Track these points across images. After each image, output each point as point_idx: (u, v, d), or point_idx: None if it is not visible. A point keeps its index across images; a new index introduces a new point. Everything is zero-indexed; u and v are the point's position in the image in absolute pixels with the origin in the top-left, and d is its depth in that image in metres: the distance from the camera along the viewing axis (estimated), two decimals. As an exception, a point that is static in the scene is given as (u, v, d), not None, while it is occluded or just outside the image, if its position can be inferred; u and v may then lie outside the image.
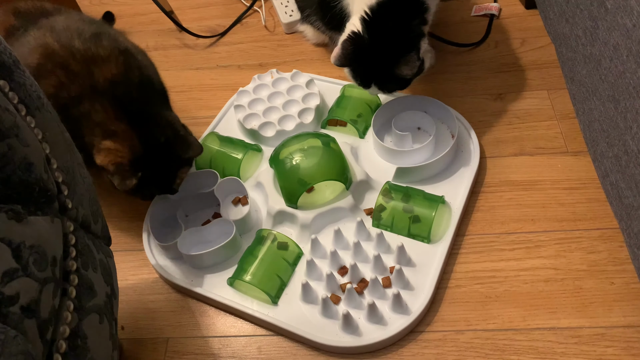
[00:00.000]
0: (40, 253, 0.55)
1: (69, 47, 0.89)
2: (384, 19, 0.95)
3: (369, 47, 0.96)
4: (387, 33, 0.95)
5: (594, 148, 0.83)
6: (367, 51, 0.96)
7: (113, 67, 0.90)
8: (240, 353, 0.89)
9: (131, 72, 0.91)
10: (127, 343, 0.92)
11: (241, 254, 0.94)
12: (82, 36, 0.91)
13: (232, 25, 1.44)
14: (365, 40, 0.96)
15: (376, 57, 0.97)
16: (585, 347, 0.81)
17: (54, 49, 0.89)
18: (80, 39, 0.91)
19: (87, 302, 0.63)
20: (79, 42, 0.90)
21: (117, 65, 0.90)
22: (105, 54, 0.90)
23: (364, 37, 0.96)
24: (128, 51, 0.94)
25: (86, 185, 0.72)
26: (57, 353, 0.56)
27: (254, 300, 0.91)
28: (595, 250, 0.91)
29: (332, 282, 0.89)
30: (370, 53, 0.96)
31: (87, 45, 0.90)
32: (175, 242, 0.95)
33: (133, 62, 0.93)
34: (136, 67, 0.93)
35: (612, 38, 0.73)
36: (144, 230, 1.02)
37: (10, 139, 0.54)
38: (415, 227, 0.93)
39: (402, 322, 0.85)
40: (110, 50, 0.91)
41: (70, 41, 0.90)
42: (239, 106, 1.16)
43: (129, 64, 0.92)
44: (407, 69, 0.97)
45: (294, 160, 0.99)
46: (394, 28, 0.95)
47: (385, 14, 0.95)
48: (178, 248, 0.94)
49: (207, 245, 0.95)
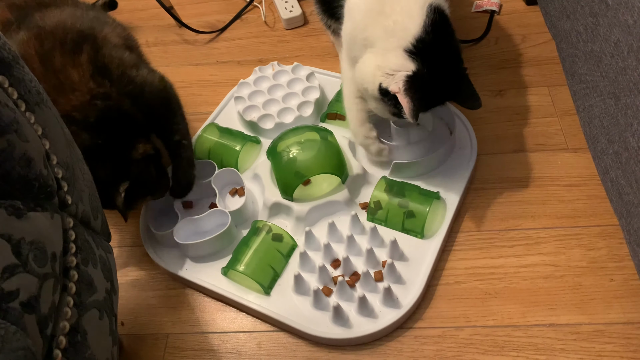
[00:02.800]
0: (40, 249, 0.54)
1: (47, 65, 0.85)
2: (431, 43, 0.84)
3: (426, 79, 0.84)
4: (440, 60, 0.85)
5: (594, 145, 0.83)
6: (425, 85, 0.84)
7: (77, 96, 0.85)
8: (240, 349, 0.89)
9: (97, 99, 0.86)
10: (127, 339, 0.92)
11: (236, 245, 0.95)
12: (65, 46, 0.87)
13: (232, 21, 1.44)
14: (424, 75, 0.83)
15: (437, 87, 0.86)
16: (585, 344, 0.81)
17: (33, 67, 0.84)
18: (61, 50, 0.87)
19: (87, 298, 0.63)
20: (59, 56, 0.86)
21: (82, 94, 0.85)
22: (77, 78, 0.86)
23: (421, 72, 0.83)
24: (105, 68, 0.89)
25: (86, 182, 0.72)
26: (57, 349, 0.56)
27: (247, 290, 0.92)
28: (595, 247, 0.91)
29: (324, 274, 0.89)
30: (428, 85, 0.85)
31: (64, 61, 0.86)
32: (170, 231, 0.95)
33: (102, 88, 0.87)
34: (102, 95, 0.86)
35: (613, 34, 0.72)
36: (141, 220, 1.02)
37: (10, 135, 0.54)
38: (410, 222, 0.94)
39: (393, 316, 0.85)
40: (83, 71, 0.86)
41: (51, 55, 0.86)
42: (239, 98, 1.16)
43: (97, 90, 0.86)
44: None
45: (291, 153, 0.99)
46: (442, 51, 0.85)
47: (430, 36, 0.84)
48: (173, 237, 0.95)
49: (202, 235, 0.96)
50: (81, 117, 0.84)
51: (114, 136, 0.87)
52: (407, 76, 0.82)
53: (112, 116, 0.87)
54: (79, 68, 0.87)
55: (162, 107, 0.97)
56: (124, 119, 0.88)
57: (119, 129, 0.87)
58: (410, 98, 0.82)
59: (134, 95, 0.91)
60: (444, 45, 0.85)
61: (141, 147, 0.89)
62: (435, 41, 0.84)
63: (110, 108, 0.87)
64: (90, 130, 0.85)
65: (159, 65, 1.03)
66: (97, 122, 0.85)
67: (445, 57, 0.86)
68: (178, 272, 0.96)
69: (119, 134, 0.87)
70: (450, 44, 0.87)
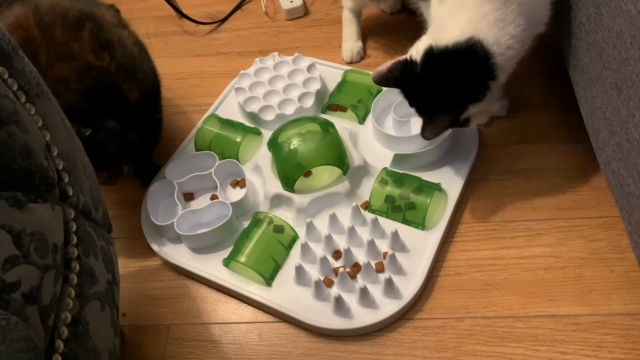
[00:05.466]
0: (41, 240, 0.55)
1: (48, 35, 0.86)
2: (448, 63, 0.83)
3: (417, 79, 0.86)
4: (440, 79, 0.84)
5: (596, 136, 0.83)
6: (415, 83, 0.86)
7: (74, 65, 0.86)
8: (241, 339, 0.89)
9: (93, 70, 0.87)
10: (129, 330, 0.93)
11: (238, 236, 0.95)
12: (66, 22, 0.88)
13: (233, 12, 1.43)
14: (416, 72, 0.85)
15: (420, 95, 0.87)
16: (585, 335, 0.82)
17: (33, 37, 0.85)
18: (63, 25, 0.87)
19: (88, 289, 0.63)
20: (61, 30, 0.87)
21: (80, 64, 0.86)
22: (78, 50, 0.87)
23: (416, 69, 0.85)
24: (108, 43, 0.90)
25: (87, 173, 0.72)
26: (59, 339, 0.57)
27: (248, 282, 0.92)
28: (595, 238, 0.91)
29: (325, 265, 0.90)
30: (417, 87, 0.87)
31: (66, 36, 0.87)
32: (172, 222, 0.95)
33: (101, 61, 0.88)
34: (100, 68, 0.88)
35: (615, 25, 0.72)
36: (142, 211, 1.02)
37: (10, 126, 0.54)
38: (411, 214, 0.94)
39: (394, 307, 0.86)
40: (84, 45, 0.87)
41: (52, 27, 0.87)
42: (239, 89, 1.16)
43: (95, 63, 0.88)
44: (428, 131, 0.88)
45: (292, 145, 0.99)
46: (449, 78, 0.84)
47: (452, 58, 0.83)
48: (175, 228, 0.95)
49: (203, 227, 0.96)
50: (73, 80, 0.86)
51: (95, 104, 0.87)
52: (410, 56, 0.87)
53: (104, 88, 0.88)
54: (81, 42, 0.87)
55: (154, 85, 1.00)
56: (113, 93, 0.90)
57: (104, 100, 0.89)
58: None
59: (132, 72, 0.92)
60: None
61: (111, 122, 0.90)
62: None
63: (104, 81, 0.88)
64: (76, 93, 0.86)
65: (160, 57, 1.03)
66: (86, 88, 0.86)
67: None
68: (179, 263, 0.96)
69: (101, 104, 0.88)
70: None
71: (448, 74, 0.84)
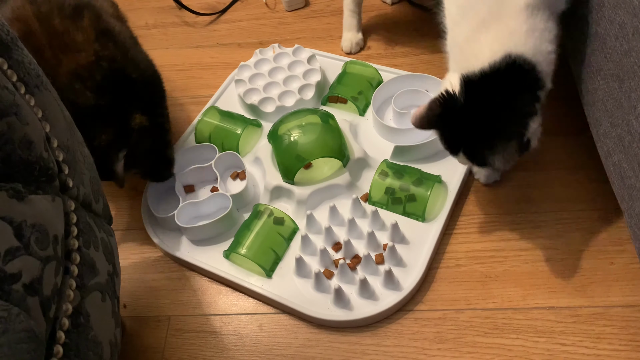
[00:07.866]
0: (42, 232, 0.55)
1: (47, 27, 0.85)
2: (490, 86, 0.79)
3: (463, 112, 0.80)
4: (489, 104, 0.79)
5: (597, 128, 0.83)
6: (459, 115, 0.80)
7: (83, 56, 0.85)
8: (241, 331, 0.89)
9: (103, 60, 0.86)
10: (130, 321, 0.93)
11: (238, 228, 0.95)
12: (63, 11, 0.87)
13: (232, 3, 1.42)
14: (458, 103, 0.80)
15: (470, 126, 0.80)
16: (584, 326, 0.82)
17: (32, 30, 0.84)
18: (60, 15, 0.86)
19: (89, 280, 0.63)
20: (59, 19, 0.86)
21: (88, 54, 0.85)
22: (82, 40, 0.86)
23: (457, 100, 0.80)
24: (109, 32, 0.90)
25: (87, 164, 0.72)
26: (60, 330, 0.57)
27: (249, 273, 0.92)
28: (595, 230, 0.91)
29: (325, 257, 0.90)
30: (463, 118, 0.80)
31: (65, 25, 0.86)
32: (172, 214, 0.96)
33: (107, 51, 0.88)
34: (108, 57, 0.87)
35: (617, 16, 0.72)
36: (142, 203, 1.02)
37: (10, 118, 0.54)
38: (411, 206, 0.94)
39: (394, 298, 0.86)
40: (87, 34, 0.86)
41: (50, 18, 0.86)
42: (239, 81, 1.15)
43: (103, 52, 0.87)
44: (499, 161, 0.81)
45: (292, 137, 0.99)
46: (499, 101, 0.79)
47: (494, 80, 0.79)
48: (175, 220, 0.95)
49: (204, 219, 0.96)
50: (87, 75, 0.84)
51: (117, 100, 0.86)
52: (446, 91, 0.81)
53: (117, 79, 0.87)
54: (82, 31, 0.87)
55: (156, 82, 0.97)
56: (127, 83, 0.88)
57: (122, 93, 0.87)
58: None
59: (135, 63, 0.91)
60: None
61: (138, 117, 0.89)
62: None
63: (115, 70, 0.87)
64: (95, 90, 0.84)
65: (159, 48, 1.03)
66: (102, 83, 0.85)
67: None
68: (180, 255, 0.96)
69: (122, 98, 0.87)
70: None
71: (496, 96, 0.79)
